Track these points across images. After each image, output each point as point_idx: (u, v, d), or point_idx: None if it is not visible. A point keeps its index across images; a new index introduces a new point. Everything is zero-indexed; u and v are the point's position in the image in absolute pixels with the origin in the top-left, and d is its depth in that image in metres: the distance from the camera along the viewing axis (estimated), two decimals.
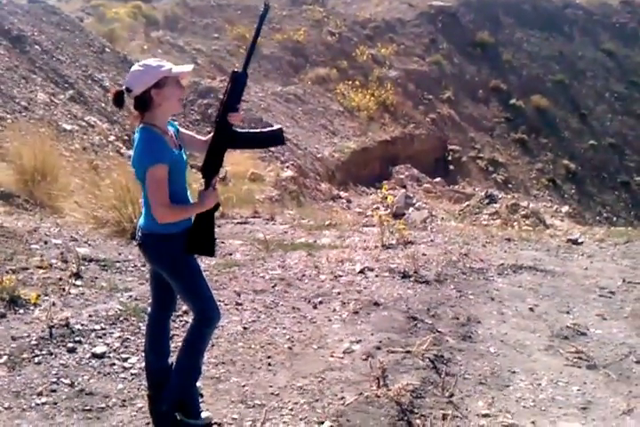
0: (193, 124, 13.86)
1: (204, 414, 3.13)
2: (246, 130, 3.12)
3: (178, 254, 2.93)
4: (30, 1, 17.54)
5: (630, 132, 23.79)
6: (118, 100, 2.84)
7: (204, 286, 3.03)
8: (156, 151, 2.77)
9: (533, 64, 25.16)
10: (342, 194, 13.57)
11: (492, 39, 25.13)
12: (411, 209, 11.38)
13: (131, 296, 4.56)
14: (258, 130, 3.17)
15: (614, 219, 19.02)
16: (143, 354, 3.72)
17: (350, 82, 19.55)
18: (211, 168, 2.98)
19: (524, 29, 26.78)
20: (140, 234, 2.98)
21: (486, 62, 24.45)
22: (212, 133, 2.99)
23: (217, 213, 6.82)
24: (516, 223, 10.54)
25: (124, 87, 2.80)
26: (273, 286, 5.20)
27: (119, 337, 3.93)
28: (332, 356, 3.96)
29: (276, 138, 3.15)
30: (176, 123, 3.11)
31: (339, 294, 5.10)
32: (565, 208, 15.61)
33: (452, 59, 23.78)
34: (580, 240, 7.92)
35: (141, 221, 2.99)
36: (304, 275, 5.55)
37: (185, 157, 2.98)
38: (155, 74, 2.76)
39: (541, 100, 22.97)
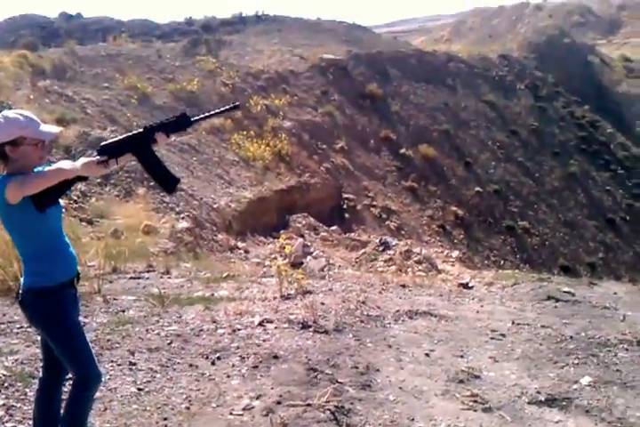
0: None
1: None
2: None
3: (54, 312, 2.80)
4: None
5: (513, 179, 25.27)
6: None
7: (82, 346, 2.88)
8: (9, 179, 2.65)
9: (420, 115, 26.42)
10: (240, 244, 13.48)
11: (381, 91, 26.25)
12: (308, 258, 11.44)
13: (16, 360, 4.29)
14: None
15: (502, 262, 19.94)
16: (30, 422, 3.51)
17: (245, 132, 19.73)
18: (113, 149, 2.87)
19: (411, 82, 28.18)
20: (20, 292, 2.85)
21: (376, 113, 25.43)
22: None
23: (108, 268, 6.59)
24: (410, 269, 10.83)
25: None
26: (169, 344, 5.05)
27: (3, 405, 3.68)
28: (231, 414, 3.87)
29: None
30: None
31: (237, 348, 5.01)
32: (456, 253, 16.20)
33: (343, 110, 24.56)
34: (470, 284, 8.23)
35: (22, 278, 2.86)
36: (201, 330, 5.42)
37: (60, 202, 2.86)
38: (9, 132, 2.67)
39: (429, 150, 24.07)
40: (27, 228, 2.74)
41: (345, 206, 20.07)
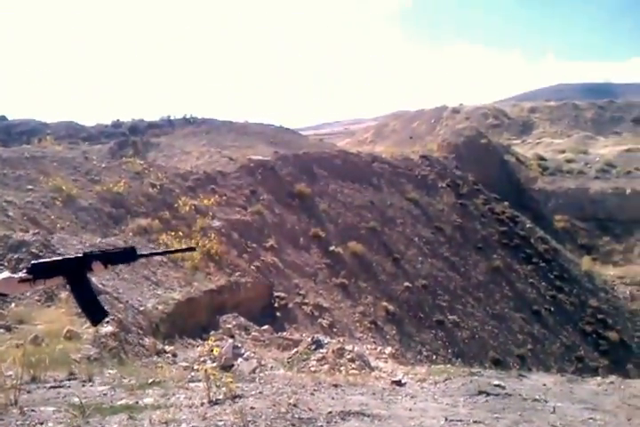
0: None
1: None
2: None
3: None
4: None
5: (440, 273, 25.79)
6: None
7: None
8: None
9: (348, 213, 27.05)
10: (167, 348, 13.01)
11: (309, 190, 26.88)
12: (239, 360, 11.12)
13: None
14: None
15: (434, 357, 19.93)
16: None
17: (173, 232, 19.62)
18: (44, 270, 2.78)
19: (337, 181, 29.03)
20: None
21: (305, 212, 25.90)
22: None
23: (27, 377, 6.28)
24: (343, 368, 10.66)
25: None
26: None
27: None
28: None
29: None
30: None
31: None
32: (388, 349, 16.08)
33: (272, 209, 24.91)
34: (403, 381, 8.17)
35: None
36: None
37: None
38: None
39: (357, 247, 24.47)
40: None
41: (276, 305, 19.87)
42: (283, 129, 44.06)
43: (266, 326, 17.02)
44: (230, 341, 12.17)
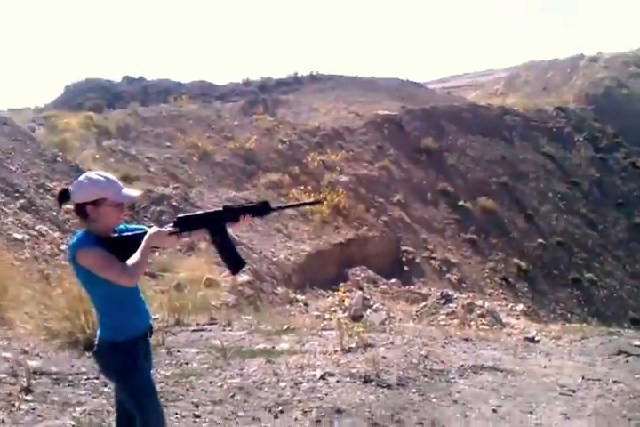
0: None
1: None
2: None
3: (126, 366, 2.85)
4: None
5: (576, 231, 24.70)
6: (61, 197, 2.87)
7: (150, 402, 2.92)
8: (84, 241, 2.73)
9: (477, 168, 26.32)
10: (299, 297, 13.49)
11: (437, 145, 26.35)
12: (368, 311, 11.35)
13: (84, 411, 4.35)
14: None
15: (568, 315, 19.28)
16: None
17: (303, 187, 20.00)
18: (189, 223, 2.93)
19: (466, 135, 28.21)
20: (95, 343, 2.93)
21: (432, 167, 25.48)
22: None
23: (172, 321, 6.68)
24: (473, 323, 10.58)
25: (69, 187, 2.83)
26: (232, 396, 5.04)
27: None
28: None
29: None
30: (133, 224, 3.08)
31: (300, 401, 4.97)
32: (520, 306, 15.76)
33: (399, 164, 24.70)
34: (536, 338, 7.99)
35: (98, 330, 2.94)
36: (263, 383, 5.41)
37: None
38: (92, 192, 2.77)
39: (488, 202, 23.84)
40: (98, 286, 2.81)
41: (404, 259, 19.91)
42: (410, 83, 43.09)
43: (394, 280, 17.16)
44: (360, 292, 12.40)
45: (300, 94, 37.53)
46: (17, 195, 12.34)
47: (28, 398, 4.49)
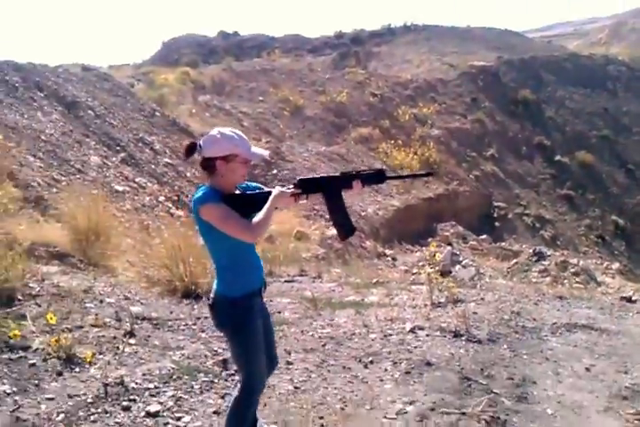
0: None
1: None
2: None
3: (239, 321, 2.93)
4: (84, 69, 18.46)
5: None
6: (189, 151, 2.91)
7: (255, 360, 3.00)
8: (209, 197, 2.81)
9: (577, 120, 25.19)
10: (387, 252, 13.53)
11: (534, 97, 25.33)
12: (457, 267, 11.23)
13: (183, 355, 4.59)
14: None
15: None
16: (196, 413, 3.74)
17: (393, 141, 19.79)
18: (308, 185, 3.02)
19: (566, 87, 26.95)
20: (211, 296, 3.01)
21: (529, 119, 24.57)
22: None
23: (265, 271, 6.87)
24: (566, 281, 10.33)
25: (198, 142, 2.89)
26: (323, 345, 5.17)
27: (172, 396, 3.95)
28: (385, 417, 3.89)
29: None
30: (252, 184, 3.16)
31: (389, 353, 5.04)
32: (616, 265, 15.21)
33: (493, 116, 23.96)
34: (633, 298, 7.73)
35: (215, 284, 3.02)
36: (353, 334, 5.51)
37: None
38: (225, 148, 2.83)
39: (586, 156, 22.85)
40: (218, 241, 2.89)
41: (495, 215, 19.52)
42: (507, 32, 41.20)
43: (484, 236, 16.89)
44: (449, 248, 12.27)
45: (392, 46, 36.69)
46: (118, 148, 12.85)
47: (131, 341, 4.76)
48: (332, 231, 12.20)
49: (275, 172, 15.37)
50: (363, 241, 13.45)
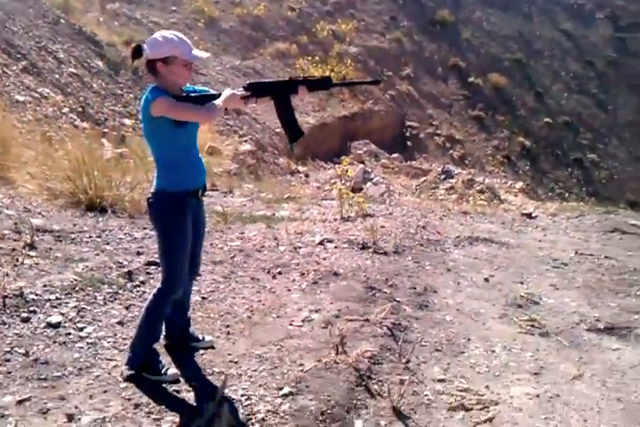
0: None
1: (170, 371, 3.22)
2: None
3: (170, 216, 3.05)
4: None
5: (585, 111, 24.23)
6: (135, 53, 2.96)
7: (178, 258, 3.12)
8: (160, 92, 2.89)
9: (492, 43, 25.36)
10: (301, 169, 13.53)
11: (452, 17, 25.20)
12: (368, 184, 11.39)
13: (86, 266, 4.48)
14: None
15: (566, 195, 19.41)
16: (99, 324, 3.70)
17: (310, 57, 19.37)
18: (258, 88, 3.09)
19: (484, 8, 26.91)
20: (150, 191, 3.11)
21: (446, 40, 24.52)
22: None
23: None
24: (471, 198, 10.68)
25: (143, 45, 2.93)
26: (232, 258, 5.18)
27: (75, 307, 3.86)
28: (291, 324, 3.98)
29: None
30: (199, 86, 3.24)
31: (298, 264, 5.11)
32: (519, 184, 15.82)
33: (412, 36, 23.76)
34: (533, 214, 8.10)
35: (154, 181, 3.11)
36: (263, 246, 5.54)
37: None
38: (165, 50, 2.89)
39: (499, 79, 23.19)
40: (162, 139, 2.99)
41: (408, 134, 19.74)
42: None
43: (396, 155, 17.11)
44: (361, 166, 12.38)
45: None
46: (19, 56, 11.97)
47: (32, 253, 4.58)
48: (246, 147, 12.05)
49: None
50: (276, 158, 13.37)
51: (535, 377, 3.62)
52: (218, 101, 2.95)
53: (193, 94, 3.07)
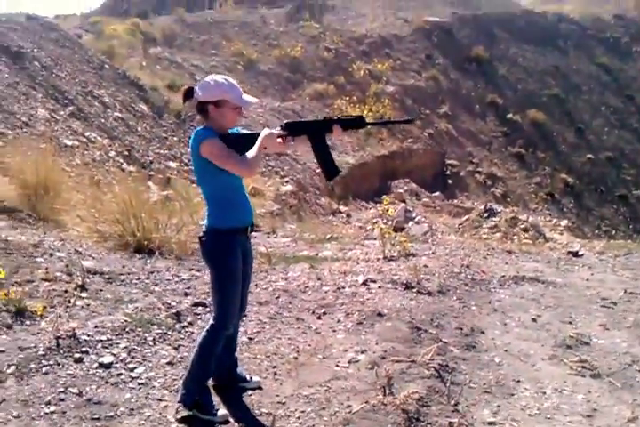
0: None
1: (220, 412, 3.26)
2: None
3: (220, 252, 3.15)
4: (28, 18, 17.65)
5: (627, 146, 23.94)
6: (186, 94, 3.14)
7: (232, 293, 3.21)
8: (209, 133, 3.02)
9: (529, 79, 25.39)
10: (342, 208, 13.61)
11: (487, 54, 25.36)
12: (410, 223, 11.41)
13: (136, 308, 4.57)
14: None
15: (613, 232, 19.05)
16: (150, 364, 3.76)
17: (347, 97, 19.66)
18: (295, 128, 3.21)
19: (519, 44, 27.06)
20: (202, 230, 3.22)
21: (482, 77, 24.66)
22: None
23: None
24: (515, 237, 10.59)
25: (195, 87, 3.11)
26: (276, 298, 5.22)
27: (125, 347, 3.94)
28: (337, 365, 3.98)
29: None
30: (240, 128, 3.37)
31: (342, 304, 5.12)
32: (564, 222, 15.64)
33: (447, 74, 23.96)
34: (580, 252, 7.97)
35: (205, 220, 3.22)
36: (307, 286, 5.57)
37: None
38: (215, 93, 3.05)
39: (537, 115, 23.12)
40: (212, 177, 3.10)
41: (448, 173, 19.73)
42: None
43: (437, 193, 17.11)
44: (402, 204, 12.42)
45: None
46: (66, 102, 12.45)
47: (83, 295, 4.71)
48: (287, 187, 12.20)
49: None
50: (318, 198, 13.50)
51: (588, 420, 3.54)
52: (257, 144, 3.05)
53: (237, 134, 3.21)
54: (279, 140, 3.14)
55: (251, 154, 3.01)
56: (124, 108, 13.93)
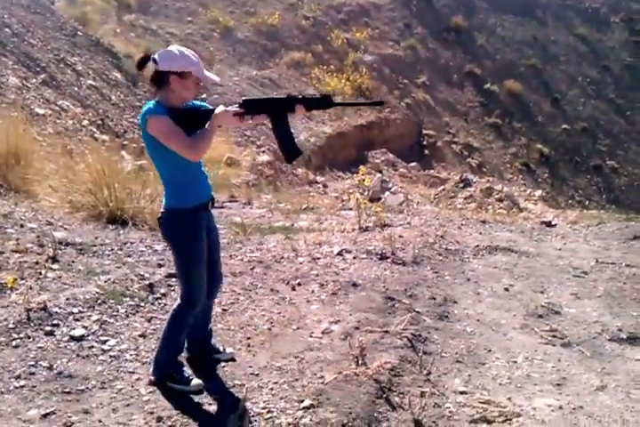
0: None
1: (194, 382, 3.24)
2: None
3: (184, 233, 3.06)
4: None
5: (603, 117, 24.05)
6: (142, 63, 3.00)
7: (196, 274, 3.14)
8: (156, 109, 2.88)
9: (507, 49, 25.29)
10: (318, 179, 13.56)
11: (466, 24, 25.18)
12: (386, 193, 11.39)
13: (109, 279, 4.52)
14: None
15: (586, 202, 19.26)
16: (122, 337, 3.74)
17: (325, 66, 19.46)
18: (253, 106, 3.03)
19: (498, 14, 26.86)
20: (160, 210, 3.12)
21: (460, 47, 24.50)
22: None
23: None
24: (490, 207, 10.65)
25: (153, 56, 2.95)
26: (251, 269, 5.21)
27: (97, 320, 3.91)
28: (311, 336, 3.99)
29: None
30: (198, 101, 3.21)
31: (317, 275, 5.12)
32: (539, 192, 15.76)
33: (426, 43, 23.78)
34: (553, 222, 8.06)
35: (163, 199, 3.12)
36: (282, 257, 5.56)
37: None
38: (182, 64, 2.90)
39: (514, 85, 23.10)
40: (166, 156, 2.96)
41: (425, 143, 19.73)
42: None
43: (413, 164, 17.11)
44: (379, 175, 12.39)
45: None
46: (38, 69, 12.15)
47: (54, 266, 4.65)
48: (264, 157, 12.11)
49: (204, 96, 14.94)
50: (294, 168, 13.41)
51: (558, 388, 3.59)
52: (209, 123, 2.92)
53: (190, 109, 3.07)
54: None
55: (200, 135, 2.89)
56: (97, 76, 13.64)
